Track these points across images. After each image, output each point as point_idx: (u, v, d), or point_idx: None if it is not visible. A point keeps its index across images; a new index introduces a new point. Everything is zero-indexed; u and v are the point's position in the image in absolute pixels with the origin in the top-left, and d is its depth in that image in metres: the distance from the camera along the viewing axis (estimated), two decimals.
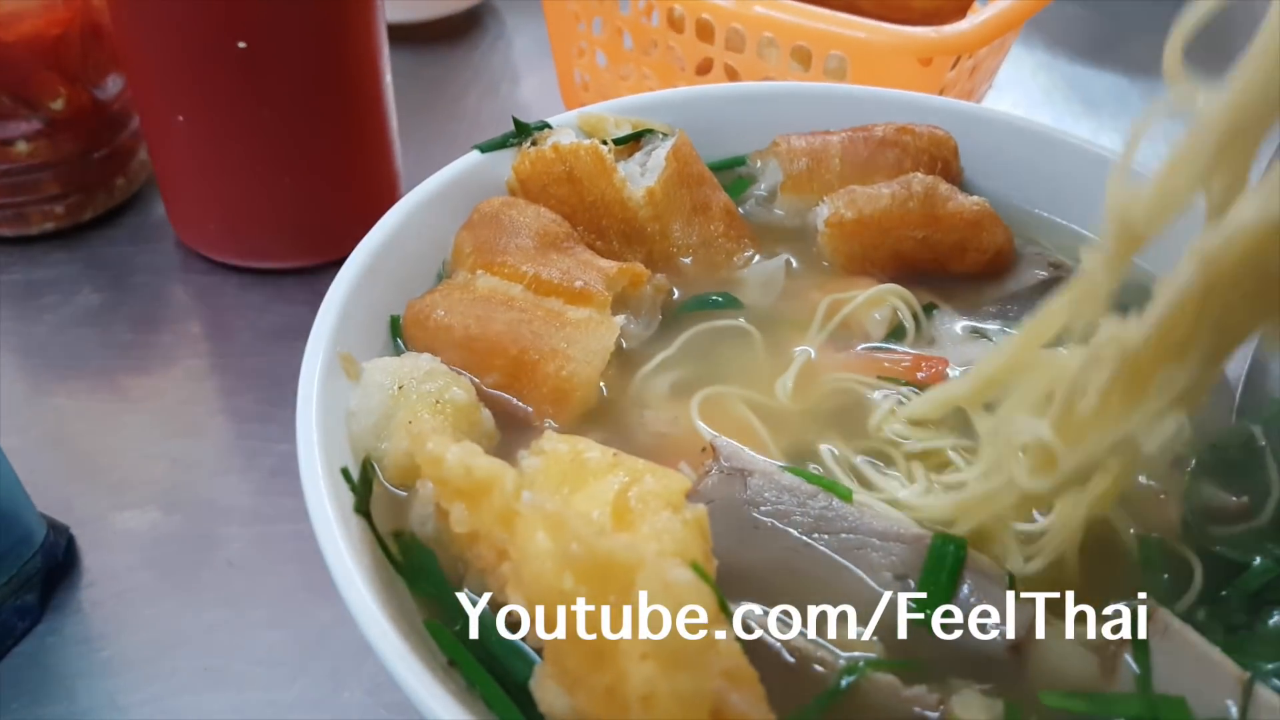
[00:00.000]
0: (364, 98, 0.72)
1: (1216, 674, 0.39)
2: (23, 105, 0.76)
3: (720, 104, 0.63)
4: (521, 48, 1.07)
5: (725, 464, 0.44)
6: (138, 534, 0.62)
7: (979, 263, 0.55)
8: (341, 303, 0.48)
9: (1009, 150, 0.60)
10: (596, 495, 0.39)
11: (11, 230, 0.80)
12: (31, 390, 0.70)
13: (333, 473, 0.41)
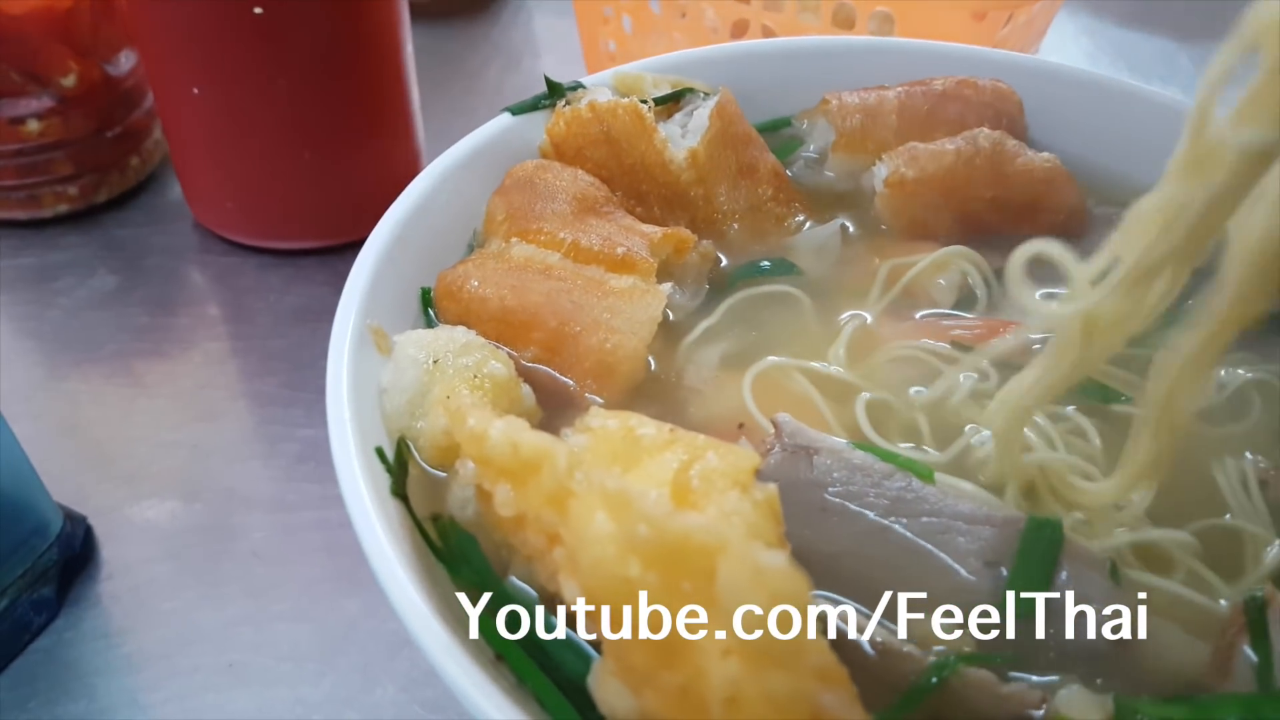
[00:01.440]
0: (385, 68, 0.69)
1: None
2: (33, 82, 0.73)
3: (764, 61, 0.59)
4: (543, 20, 1.04)
5: (788, 441, 0.40)
6: (157, 524, 0.59)
7: (1052, 224, 0.52)
8: (370, 274, 0.44)
9: (1075, 104, 0.56)
10: (653, 474, 0.36)
11: (24, 213, 0.78)
12: (46, 376, 0.67)
13: (367, 453, 0.38)
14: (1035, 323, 0.45)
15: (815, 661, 0.27)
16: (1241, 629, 0.35)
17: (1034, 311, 0.37)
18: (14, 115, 0.73)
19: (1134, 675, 0.35)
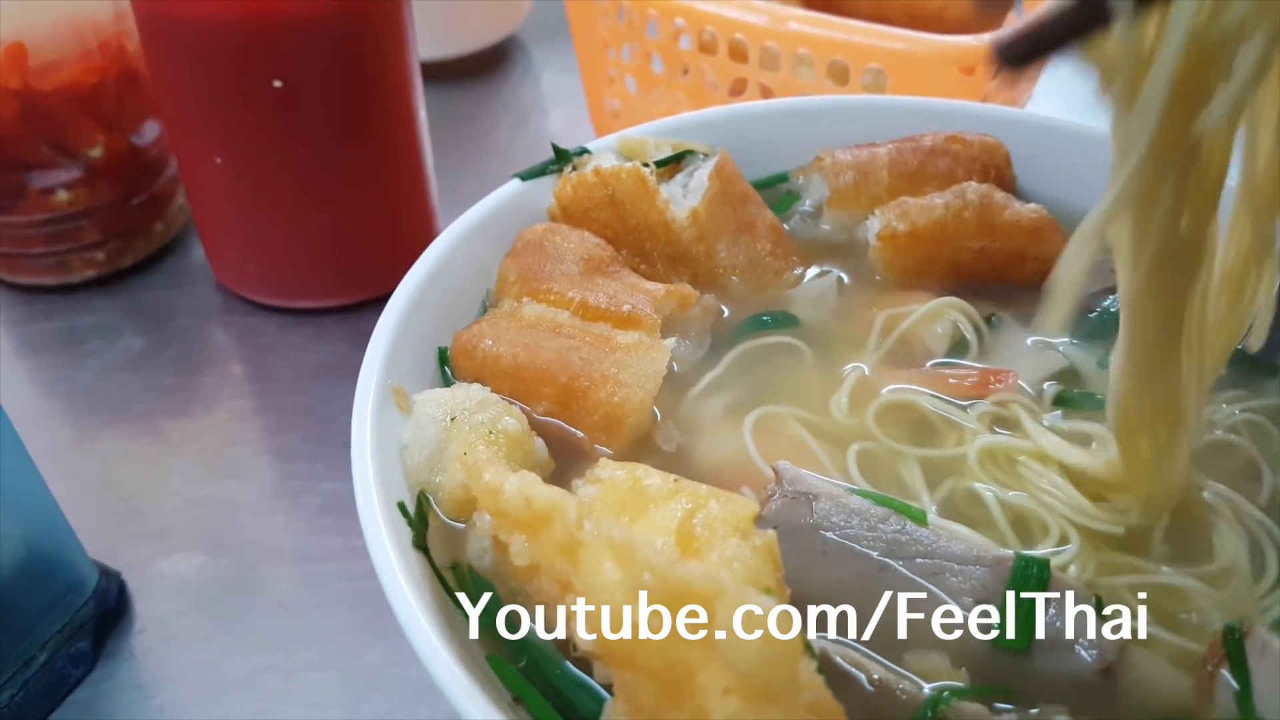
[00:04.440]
0: (399, 134, 0.72)
1: None
2: (61, 154, 0.77)
3: (760, 121, 0.62)
4: (549, 80, 1.07)
5: (789, 488, 0.43)
6: (186, 578, 0.61)
7: (1040, 271, 0.53)
8: (390, 336, 0.47)
9: (1062, 155, 0.58)
10: (659, 523, 0.38)
11: (54, 278, 0.81)
12: (77, 437, 0.70)
13: (390, 508, 0.40)
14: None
15: (810, 698, 0.29)
16: (1221, 659, 0.37)
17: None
18: (44, 186, 0.77)
19: (1119, 706, 0.37)
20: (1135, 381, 0.40)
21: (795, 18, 0.69)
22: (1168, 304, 0.39)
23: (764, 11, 0.70)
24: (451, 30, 1.03)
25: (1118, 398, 0.41)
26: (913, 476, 0.45)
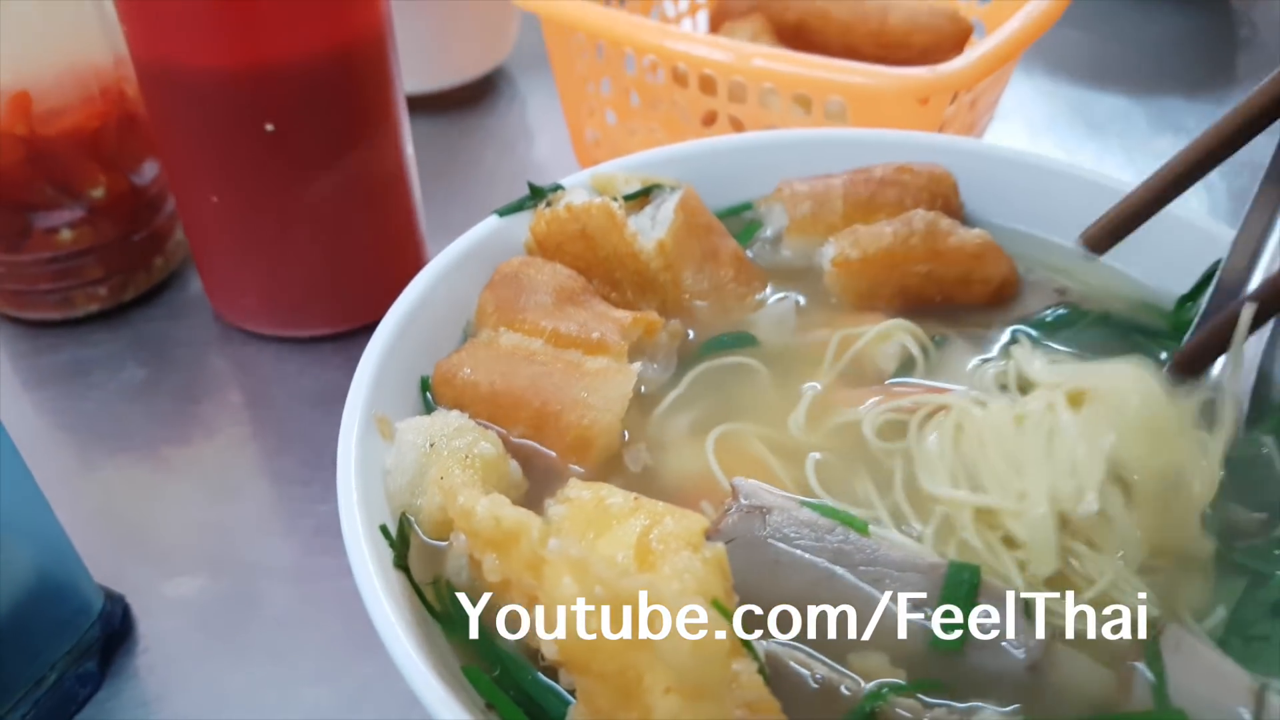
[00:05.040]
0: (387, 170, 0.76)
1: (1229, 684, 0.40)
2: (65, 195, 0.80)
3: (726, 155, 0.65)
4: (534, 108, 1.11)
5: (745, 502, 0.46)
6: (188, 599, 0.64)
7: (984, 293, 0.57)
8: (374, 368, 0.50)
9: (1008, 181, 0.62)
10: (620, 538, 0.41)
11: (58, 313, 0.84)
12: (82, 465, 0.73)
13: (372, 530, 0.43)
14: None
15: (748, 695, 0.32)
16: (1139, 654, 0.40)
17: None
18: (48, 226, 0.80)
19: (1046, 700, 0.40)
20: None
21: (760, 54, 0.72)
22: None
23: (730, 49, 0.73)
24: (441, 64, 1.07)
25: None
26: (865, 487, 0.48)
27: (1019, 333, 0.57)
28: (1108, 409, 0.44)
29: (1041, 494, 0.43)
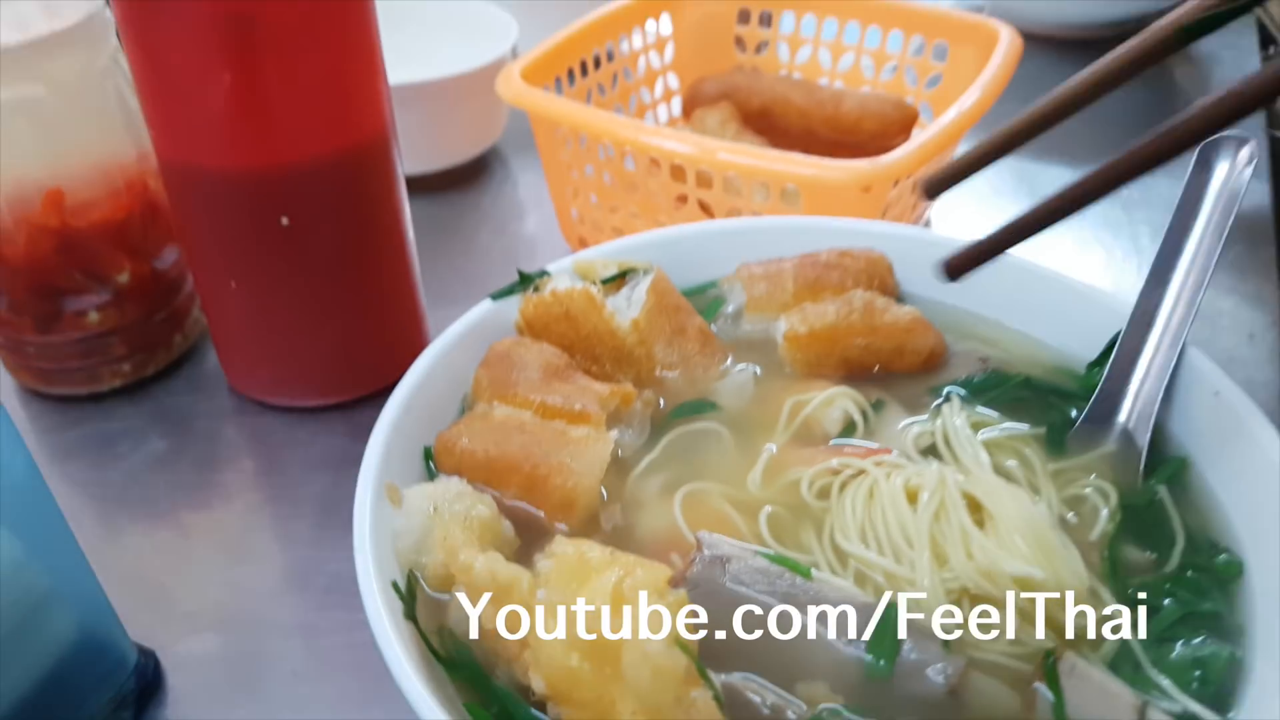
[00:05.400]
0: (390, 255, 0.84)
1: (1117, 702, 0.47)
2: (94, 280, 0.87)
3: (694, 240, 0.74)
4: (524, 188, 1.19)
5: (707, 552, 0.53)
6: (211, 653, 0.70)
7: (915, 363, 0.65)
8: (383, 442, 0.57)
9: (940, 260, 0.69)
10: (599, 588, 0.48)
11: (85, 388, 0.91)
12: (111, 532, 0.80)
13: (385, 587, 0.50)
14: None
15: (701, 716, 0.39)
16: (1041, 677, 0.47)
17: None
18: (77, 309, 0.87)
19: (964, 718, 0.47)
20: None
21: (723, 148, 0.81)
22: None
23: (697, 144, 0.82)
24: (437, 150, 1.15)
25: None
26: (808, 537, 0.56)
27: (952, 392, 0.65)
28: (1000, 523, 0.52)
29: (924, 569, 0.50)
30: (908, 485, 0.55)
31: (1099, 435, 0.60)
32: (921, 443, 0.60)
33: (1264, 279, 1.02)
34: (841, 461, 0.58)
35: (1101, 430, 0.60)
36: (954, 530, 0.52)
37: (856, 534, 0.54)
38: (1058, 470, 0.59)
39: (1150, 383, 0.60)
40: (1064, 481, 0.59)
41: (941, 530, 0.52)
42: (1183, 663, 0.49)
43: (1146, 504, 0.57)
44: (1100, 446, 0.60)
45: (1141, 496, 0.57)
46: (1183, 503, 0.58)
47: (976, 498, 0.54)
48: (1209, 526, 0.56)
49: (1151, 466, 0.59)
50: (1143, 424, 0.59)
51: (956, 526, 0.52)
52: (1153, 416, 0.59)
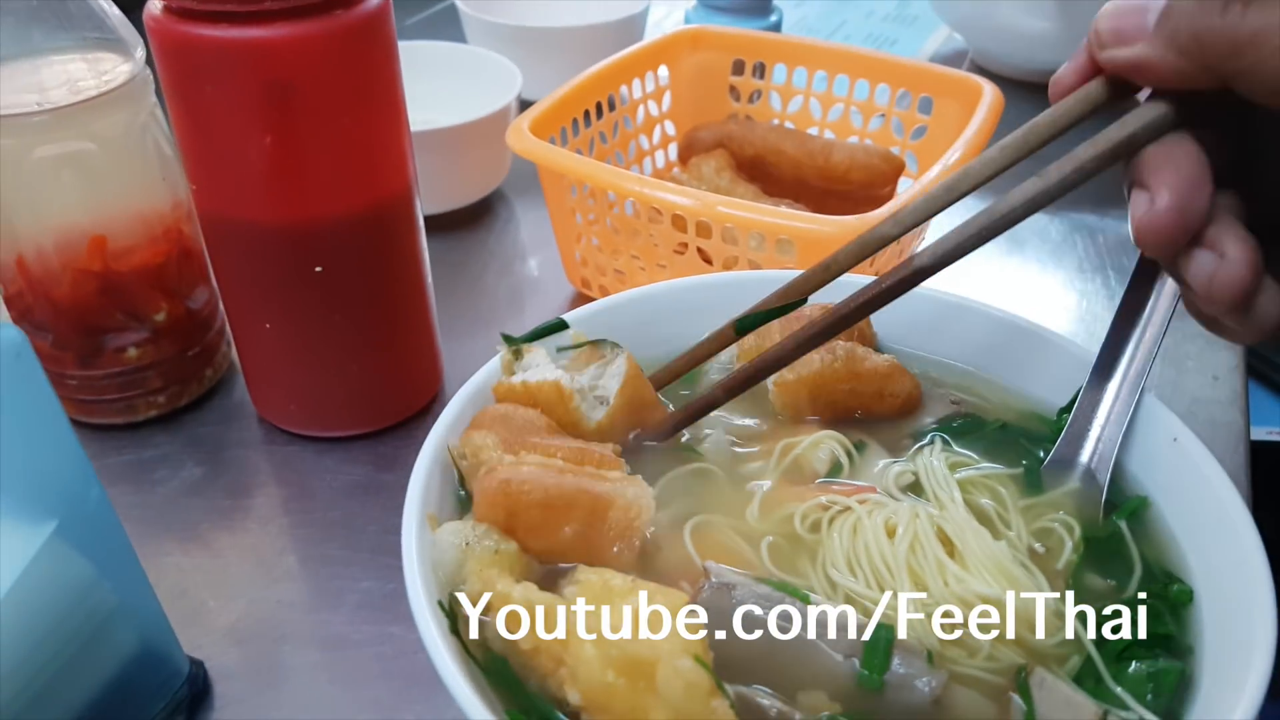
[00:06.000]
0: (412, 296, 0.90)
1: (1081, 711, 0.54)
2: (133, 319, 0.93)
3: (683, 292, 0.79)
4: (527, 228, 1.26)
5: (715, 580, 0.60)
6: (254, 664, 0.76)
7: (894, 406, 0.72)
8: (423, 478, 0.63)
9: (915, 312, 0.76)
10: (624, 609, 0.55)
11: (122, 419, 0.97)
12: (155, 552, 0.85)
13: (433, 605, 0.56)
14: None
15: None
16: (1014, 689, 0.55)
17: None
18: (118, 346, 0.93)
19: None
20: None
21: (722, 202, 0.88)
22: None
23: (696, 197, 0.89)
24: (448, 192, 1.22)
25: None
26: (804, 565, 0.62)
27: (936, 435, 0.72)
28: (967, 556, 0.60)
29: (903, 600, 0.57)
30: (888, 522, 0.62)
31: (1064, 474, 0.67)
32: (902, 481, 0.67)
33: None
34: (829, 499, 0.65)
35: (1067, 470, 0.67)
36: (930, 561, 0.59)
37: (844, 564, 0.61)
38: (1028, 506, 0.66)
39: (1111, 427, 0.67)
40: (1033, 516, 0.66)
41: (918, 561, 0.59)
42: (1139, 677, 0.56)
43: (1107, 537, 0.64)
44: (1065, 485, 0.67)
45: (1103, 530, 0.64)
46: (1141, 537, 0.64)
47: (948, 534, 0.61)
48: (1164, 559, 0.63)
49: (1113, 504, 0.66)
50: (1104, 465, 0.66)
51: (931, 558, 0.59)
52: (1113, 457, 0.66)
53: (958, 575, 0.58)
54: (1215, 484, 0.61)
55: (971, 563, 0.59)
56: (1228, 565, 0.58)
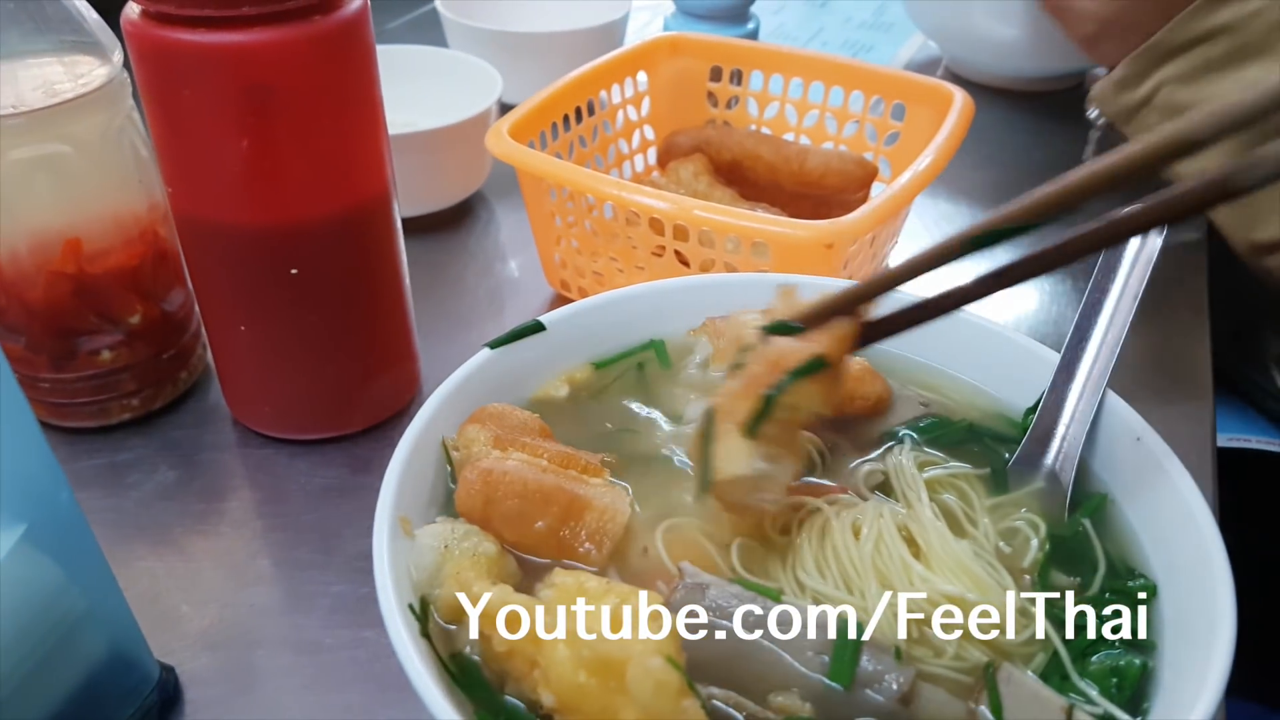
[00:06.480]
0: (389, 299, 0.90)
1: (1048, 705, 0.54)
2: (107, 322, 0.93)
3: (666, 294, 0.80)
4: (508, 230, 1.26)
5: (689, 580, 0.60)
6: (225, 669, 0.76)
7: (865, 407, 0.73)
8: (396, 480, 0.63)
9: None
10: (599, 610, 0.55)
11: (95, 422, 0.96)
12: (127, 557, 0.85)
13: (404, 608, 0.56)
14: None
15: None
16: (982, 688, 0.55)
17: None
18: (91, 349, 0.93)
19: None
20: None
21: (698, 206, 0.89)
22: None
23: (674, 201, 0.90)
24: (427, 194, 1.22)
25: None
26: (774, 566, 0.63)
27: (905, 435, 0.73)
28: (931, 556, 0.60)
29: (873, 595, 0.58)
30: (854, 523, 0.63)
31: (1029, 474, 0.68)
32: (872, 480, 0.68)
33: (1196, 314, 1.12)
34: (799, 499, 0.65)
35: (1032, 470, 0.68)
36: (895, 562, 0.60)
37: (813, 567, 0.61)
38: (994, 505, 0.67)
39: (1074, 427, 0.68)
40: (999, 515, 0.66)
41: (884, 561, 0.60)
42: (1103, 671, 0.57)
43: (1072, 535, 0.65)
44: (1030, 484, 0.68)
45: (1068, 529, 0.65)
46: (1105, 535, 0.65)
47: (913, 534, 0.62)
48: (1128, 556, 0.64)
49: (1077, 502, 0.67)
50: (1068, 464, 0.67)
51: (896, 558, 0.60)
52: (1076, 457, 0.67)
53: (923, 575, 0.59)
54: (1177, 482, 0.62)
55: (935, 562, 0.60)
56: (1189, 562, 0.59)
